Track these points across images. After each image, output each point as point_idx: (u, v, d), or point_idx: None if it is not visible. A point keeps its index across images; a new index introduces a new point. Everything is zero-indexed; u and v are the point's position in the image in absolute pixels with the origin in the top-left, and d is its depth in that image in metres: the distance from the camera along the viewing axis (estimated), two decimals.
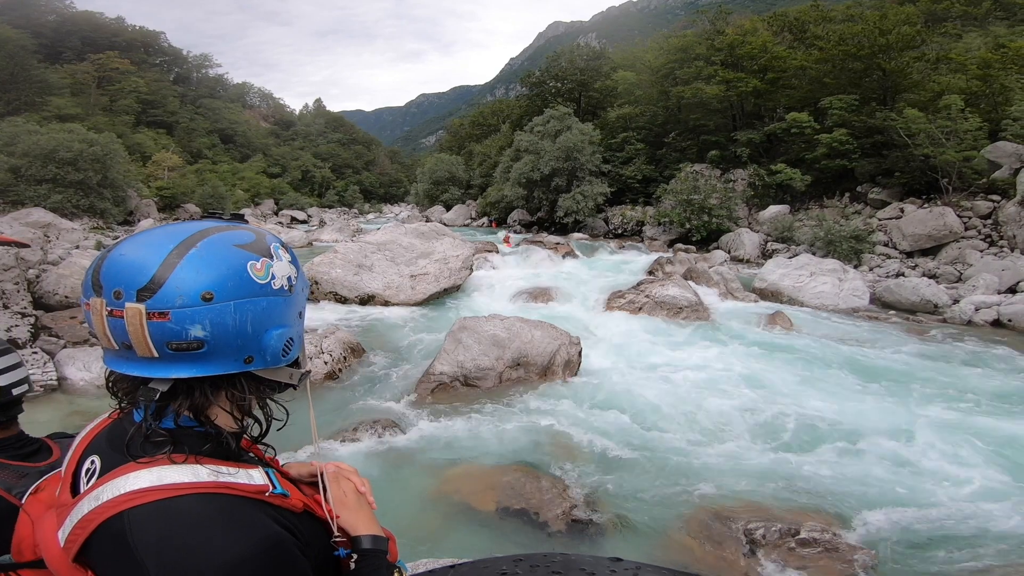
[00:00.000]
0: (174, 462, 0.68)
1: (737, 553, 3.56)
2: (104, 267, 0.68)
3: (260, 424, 0.83)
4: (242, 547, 0.64)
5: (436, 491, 4.23)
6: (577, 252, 16.89)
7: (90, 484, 0.70)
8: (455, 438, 5.06)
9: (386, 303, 10.07)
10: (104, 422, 0.80)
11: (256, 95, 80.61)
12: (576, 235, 24.58)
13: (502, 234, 21.09)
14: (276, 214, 43.41)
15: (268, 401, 0.83)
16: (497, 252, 15.35)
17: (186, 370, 0.69)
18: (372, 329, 8.64)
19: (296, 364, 0.84)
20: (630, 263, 15.42)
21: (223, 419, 0.76)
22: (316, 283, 10.18)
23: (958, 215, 15.42)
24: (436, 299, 10.61)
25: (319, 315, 9.33)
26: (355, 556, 0.82)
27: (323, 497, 0.84)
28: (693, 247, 20.31)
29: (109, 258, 0.69)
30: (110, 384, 0.76)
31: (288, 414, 0.87)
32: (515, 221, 30.21)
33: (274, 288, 0.74)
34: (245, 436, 0.81)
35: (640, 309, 9.90)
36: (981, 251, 14.15)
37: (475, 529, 3.82)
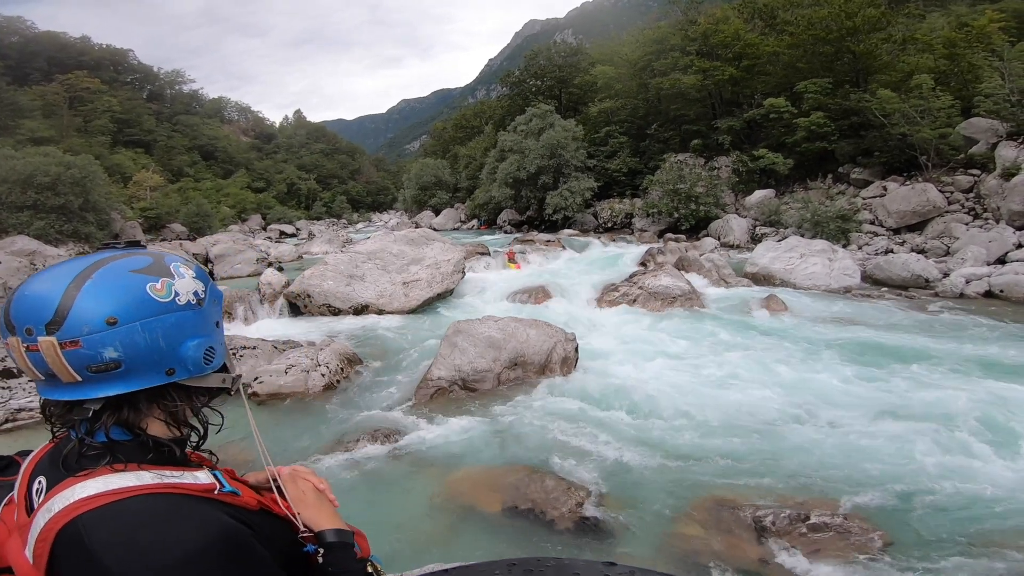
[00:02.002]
0: (115, 470, 0.72)
1: (749, 541, 3.56)
2: (12, 307, 0.74)
3: (198, 431, 0.88)
4: (198, 539, 0.67)
5: (441, 496, 4.21)
6: (568, 248, 16.91)
7: (41, 500, 0.73)
8: (457, 442, 5.04)
9: (380, 312, 10.02)
10: (46, 447, 0.84)
11: (234, 109, 79.71)
12: (566, 231, 24.61)
13: (502, 250, 16.05)
14: (264, 229, 43.05)
15: (205, 408, 0.89)
16: (489, 254, 15.33)
17: (112, 388, 0.75)
18: (368, 339, 8.59)
19: (225, 370, 0.89)
20: (621, 255, 15.45)
21: (158, 428, 0.81)
22: (308, 296, 10.11)
23: (940, 190, 15.63)
24: (430, 305, 10.57)
25: (313, 328, 9.27)
26: (321, 551, 0.87)
27: (279, 497, 0.90)
28: (683, 236, 20.41)
29: (15, 298, 0.74)
30: (45, 412, 0.81)
31: (223, 418, 0.92)
32: (505, 221, 30.19)
33: (179, 304, 0.79)
34: (189, 447, 0.86)
35: (634, 301, 9.92)
36: (966, 224, 14.35)
37: (482, 532, 3.80)
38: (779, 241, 14.33)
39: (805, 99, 20.93)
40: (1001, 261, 11.91)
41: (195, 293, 0.82)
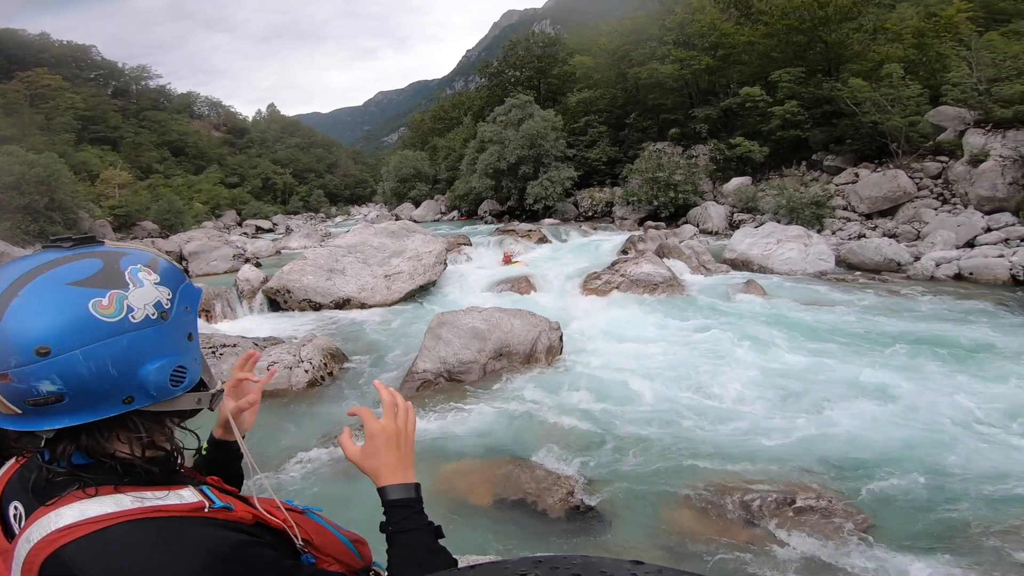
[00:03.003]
0: (89, 496, 0.65)
1: (737, 524, 3.63)
2: None
3: (171, 454, 0.76)
4: (191, 565, 0.62)
5: (432, 490, 4.19)
6: (550, 237, 16.93)
7: (21, 528, 0.67)
8: (445, 435, 5.03)
9: (362, 305, 9.91)
10: (14, 467, 0.76)
11: (204, 104, 77.37)
12: (547, 221, 24.62)
13: (498, 248, 15.13)
14: (240, 224, 42.16)
15: (180, 428, 0.78)
16: (470, 244, 15.26)
17: (57, 422, 0.64)
18: (351, 333, 8.50)
19: (202, 386, 0.78)
20: (603, 243, 15.55)
21: (129, 449, 0.71)
22: (288, 291, 9.95)
23: (909, 176, 16.05)
24: (413, 297, 10.50)
25: (295, 324, 9.13)
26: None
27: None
28: (663, 223, 20.61)
29: None
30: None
31: (199, 440, 0.83)
32: (485, 212, 30.08)
33: (134, 322, 0.65)
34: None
35: (616, 288, 10.00)
36: (935, 209, 14.77)
37: (475, 524, 3.80)
38: (756, 227, 14.57)
39: (779, 88, 21.22)
40: (970, 245, 12.30)
41: (156, 305, 0.68)
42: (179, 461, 0.77)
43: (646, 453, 4.54)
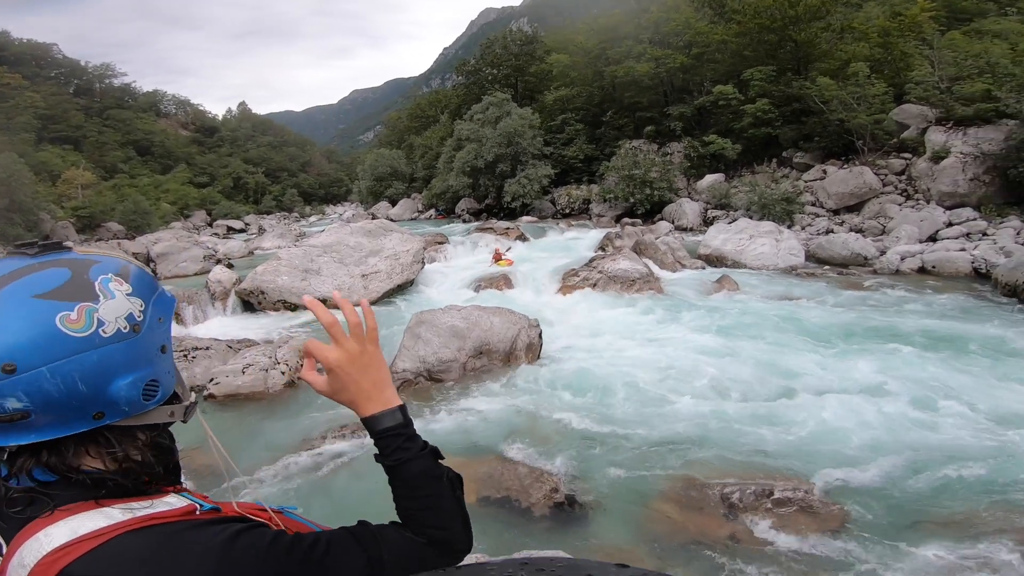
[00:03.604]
0: (71, 513, 0.62)
1: (718, 517, 3.68)
2: None
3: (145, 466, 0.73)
4: (205, 564, 0.60)
5: None
6: (527, 235, 16.95)
7: (6, 553, 0.64)
8: (425, 434, 4.86)
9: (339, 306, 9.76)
10: None
11: (171, 102, 75.03)
12: (525, 218, 24.69)
13: (490, 248, 14.08)
14: (210, 225, 41.12)
15: (156, 440, 0.74)
16: (448, 243, 15.18)
17: (22, 438, 0.62)
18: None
19: (176, 398, 0.75)
20: (580, 240, 15.65)
21: (100, 465, 0.68)
22: (262, 293, 9.74)
23: (875, 173, 16.56)
24: (391, 296, 10.40)
25: (270, 325, 8.95)
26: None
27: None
28: (639, 220, 20.85)
29: None
30: None
31: (178, 453, 0.79)
32: (463, 210, 29.95)
33: (104, 336, 0.63)
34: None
35: (594, 285, 10.06)
36: (899, 204, 15.28)
37: None
38: (729, 223, 14.85)
39: (751, 86, 21.66)
40: (932, 239, 12.76)
41: (128, 317, 0.65)
42: (155, 472, 0.73)
43: (627, 448, 4.59)
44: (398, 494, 0.79)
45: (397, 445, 0.79)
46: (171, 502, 0.68)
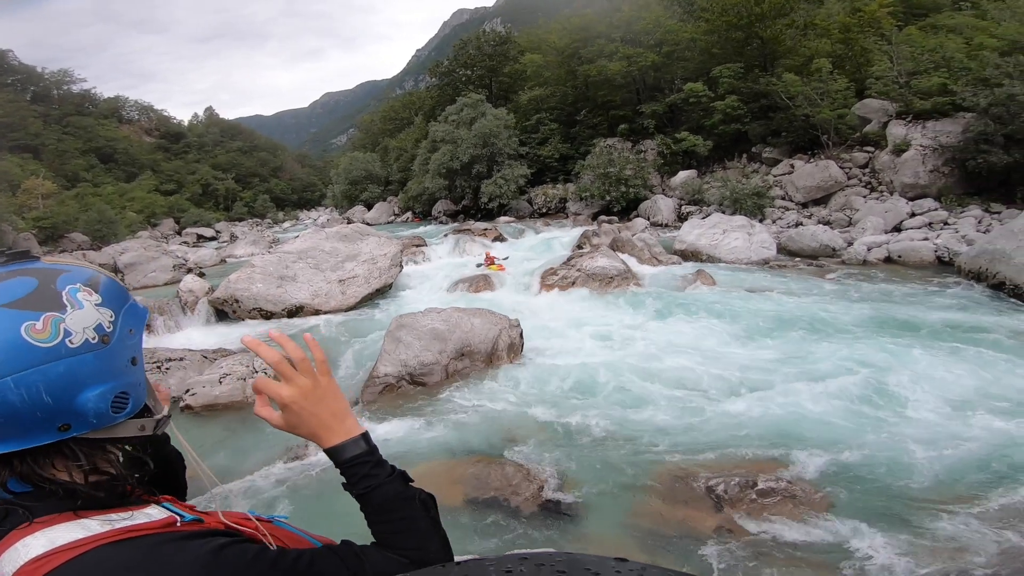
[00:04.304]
0: (49, 523, 0.61)
1: (705, 510, 3.73)
2: None
3: (117, 478, 0.71)
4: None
5: None
6: (505, 235, 16.97)
7: None
8: (410, 438, 4.96)
9: (317, 312, 9.62)
10: None
11: (133, 108, 72.64)
12: (502, 218, 24.70)
13: (478, 254, 13.79)
14: (179, 233, 40.05)
15: (126, 451, 0.74)
16: (426, 244, 15.10)
17: None
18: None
19: (147, 411, 0.74)
20: (558, 239, 15.73)
21: (67, 477, 0.66)
22: (236, 301, 9.53)
23: (840, 167, 17.07)
24: (370, 301, 10.28)
25: (245, 334, 8.75)
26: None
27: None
28: (615, 217, 21.08)
29: None
30: None
31: (152, 465, 0.77)
32: (440, 212, 29.82)
33: (71, 347, 0.62)
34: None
35: (573, 283, 10.13)
36: (864, 196, 15.77)
37: (447, 525, 3.69)
38: (703, 219, 15.11)
39: (720, 83, 22.08)
40: (897, 229, 13.21)
41: (97, 328, 0.64)
42: (129, 484, 0.72)
43: (612, 444, 4.63)
44: (371, 520, 0.78)
45: (364, 472, 0.78)
46: (151, 514, 0.67)
